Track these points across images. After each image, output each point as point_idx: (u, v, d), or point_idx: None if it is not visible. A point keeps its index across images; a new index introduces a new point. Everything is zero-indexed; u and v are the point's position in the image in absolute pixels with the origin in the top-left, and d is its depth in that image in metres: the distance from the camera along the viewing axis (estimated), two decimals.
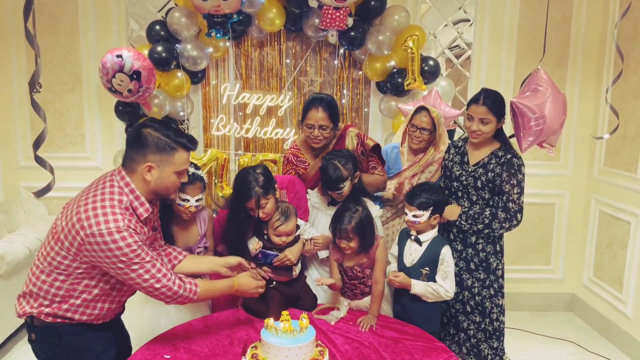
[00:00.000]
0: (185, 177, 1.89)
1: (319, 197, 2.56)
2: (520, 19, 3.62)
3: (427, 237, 2.33)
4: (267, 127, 3.57)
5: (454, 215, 2.50)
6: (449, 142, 2.72)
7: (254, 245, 2.29)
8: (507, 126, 2.65)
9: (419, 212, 2.28)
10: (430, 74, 3.26)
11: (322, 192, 2.54)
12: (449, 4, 3.56)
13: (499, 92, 2.48)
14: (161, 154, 1.77)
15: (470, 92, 3.61)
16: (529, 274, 3.89)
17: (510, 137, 2.63)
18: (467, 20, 3.63)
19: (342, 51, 3.51)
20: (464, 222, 2.49)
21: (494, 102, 2.43)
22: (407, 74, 3.21)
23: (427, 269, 2.28)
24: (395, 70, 3.31)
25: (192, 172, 2.17)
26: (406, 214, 2.33)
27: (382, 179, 2.64)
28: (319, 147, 2.59)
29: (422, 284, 2.26)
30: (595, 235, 3.69)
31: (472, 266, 2.56)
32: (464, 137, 2.68)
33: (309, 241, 2.40)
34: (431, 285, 2.26)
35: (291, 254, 2.29)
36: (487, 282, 2.55)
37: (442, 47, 3.62)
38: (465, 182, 2.54)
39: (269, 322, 1.81)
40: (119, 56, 2.86)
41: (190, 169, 2.07)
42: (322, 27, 3.15)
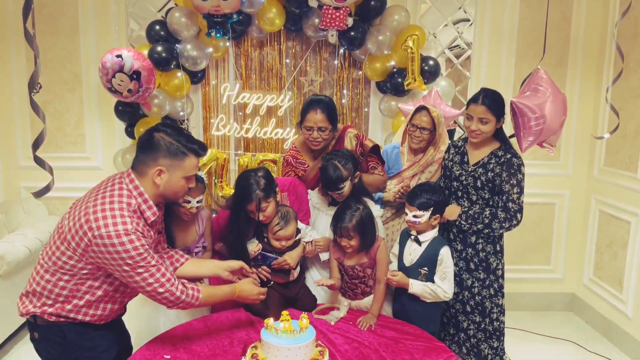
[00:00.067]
0: (193, 182, 1.91)
1: (320, 197, 2.56)
2: (520, 18, 3.62)
3: (427, 237, 2.33)
4: (267, 127, 3.57)
5: (453, 215, 2.50)
6: (449, 142, 2.72)
7: (253, 247, 2.29)
8: (507, 126, 2.65)
9: (419, 213, 2.28)
10: (430, 73, 3.26)
11: (323, 193, 2.54)
12: (449, 3, 3.56)
13: (498, 92, 2.48)
14: (172, 158, 1.80)
15: (470, 92, 3.61)
16: (529, 274, 3.89)
17: (510, 137, 2.63)
18: (467, 20, 3.63)
19: (342, 51, 3.51)
20: (463, 222, 2.49)
21: (493, 102, 2.43)
22: (407, 73, 3.21)
23: (425, 269, 2.28)
24: (395, 70, 3.30)
25: None
26: (406, 214, 2.33)
27: (381, 179, 2.64)
28: (318, 149, 2.59)
29: (420, 284, 2.26)
30: (595, 235, 3.69)
31: (472, 266, 2.56)
32: (464, 137, 2.67)
33: (309, 243, 2.40)
34: (429, 285, 2.26)
35: (290, 259, 2.28)
36: (487, 282, 2.55)
37: (442, 47, 3.62)
38: (465, 182, 2.54)
39: (269, 322, 1.81)
40: (119, 56, 2.86)
41: None
42: (322, 27, 3.14)
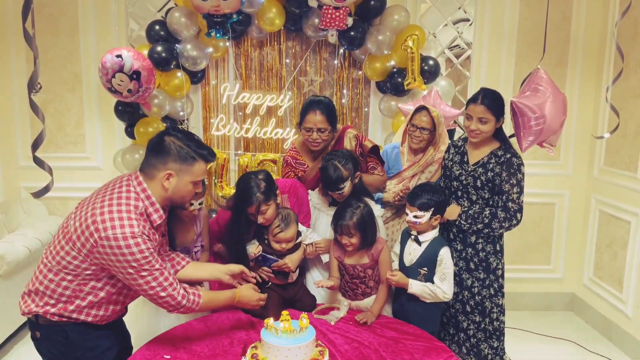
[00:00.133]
0: (200, 187, 1.93)
1: (320, 197, 2.56)
2: (520, 18, 3.62)
3: (427, 237, 2.32)
4: (267, 127, 3.57)
5: (453, 215, 2.50)
6: (449, 141, 2.72)
7: (253, 249, 2.29)
8: (507, 126, 2.65)
9: (420, 213, 2.28)
10: (430, 73, 3.26)
11: (323, 193, 2.54)
12: (448, 3, 3.56)
13: (497, 92, 2.48)
14: (182, 163, 1.81)
15: (470, 91, 3.61)
16: (529, 274, 3.89)
17: (510, 136, 2.63)
18: (467, 20, 3.63)
19: (342, 51, 3.51)
20: (463, 221, 2.49)
21: (493, 102, 2.43)
22: (407, 73, 3.21)
23: (425, 269, 2.28)
24: (395, 70, 3.30)
25: None
26: (407, 215, 2.32)
27: (381, 179, 2.64)
28: (318, 150, 2.59)
29: (419, 284, 2.26)
30: (595, 234, 3.69)
31: (472, 266, 2.56)
32: (464, 137, 2.67)
33: (310, 245, 2.40)
34: (428, 286, 2.26)
35: (291, 262, 2.28)
36: (487, 282, 2.55)
37: (442, 46, 3.62)
38: (465, 182, 2.54)
39: (269, 322, 1.81)
40: (119, 56, 2.86)
41: None
42: (322, 27, 3.14)
